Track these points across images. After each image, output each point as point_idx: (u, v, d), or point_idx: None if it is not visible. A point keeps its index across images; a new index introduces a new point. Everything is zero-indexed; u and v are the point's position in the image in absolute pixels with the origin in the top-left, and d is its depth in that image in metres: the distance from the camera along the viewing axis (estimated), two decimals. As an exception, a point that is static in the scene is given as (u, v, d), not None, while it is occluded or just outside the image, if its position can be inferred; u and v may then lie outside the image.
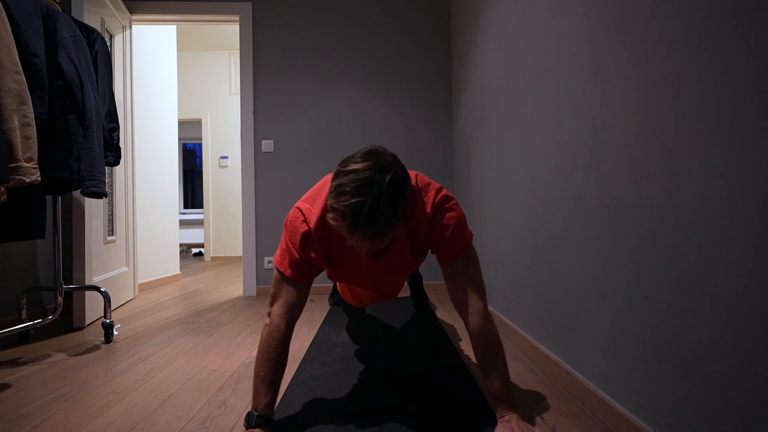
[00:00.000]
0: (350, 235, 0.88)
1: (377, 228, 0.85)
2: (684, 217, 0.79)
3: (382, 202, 0.84)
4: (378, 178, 0.84)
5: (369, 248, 0.91)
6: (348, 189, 0.84)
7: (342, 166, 0.89)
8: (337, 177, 0.88)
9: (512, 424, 0.94)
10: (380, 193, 0.84)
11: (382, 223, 0.85)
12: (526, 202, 1.60)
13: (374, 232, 0.86)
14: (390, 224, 0.87)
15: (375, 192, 0.83)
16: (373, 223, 0.84)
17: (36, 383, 1.39)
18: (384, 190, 0.84)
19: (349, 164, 0.88)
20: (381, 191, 0.84)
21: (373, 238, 0.87)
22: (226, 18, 3.01)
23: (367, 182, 0.84)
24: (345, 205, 0.84)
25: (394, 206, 0.86)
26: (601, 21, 1.07)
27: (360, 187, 0.84)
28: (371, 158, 0.87)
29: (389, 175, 0.86)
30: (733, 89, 0.68)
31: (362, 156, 0.88)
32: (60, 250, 1.86)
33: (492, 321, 1.05)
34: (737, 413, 0.68)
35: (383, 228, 0.86)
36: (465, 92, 2.58)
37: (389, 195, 0.85)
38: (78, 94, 1.71)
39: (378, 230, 0.86)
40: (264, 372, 1.00)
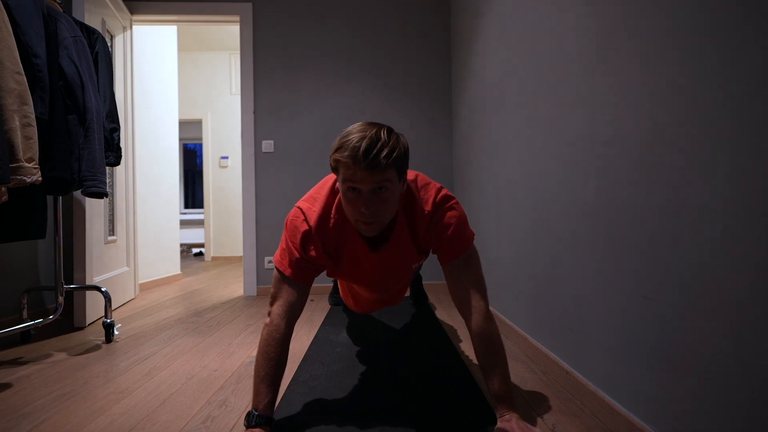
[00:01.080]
0: (354, 167, 0.90)
1: (381, 156, 0.89)
2: (684, 217, 0.79)
3: (383, 135, 0.91)
4: (377, 129, 0.93)
5: (376, 196, 0.93)
6: (350, 136, 0.92)
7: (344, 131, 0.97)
8: (340, 137, 0.95)
9: (512, 424, 0.95)
10: (379, 131, 0.92)
11: (385, 152, 0.90)
12: (526, 202, 1.60)
13: (378, 160, 0.89)
14: (392, 156, 0.91)
15: (376, 129, 0.92)
16: (378, 150, 0.89)
17: (37, 383, 1.39)
18: (384, 129, 0.93)
19: (349, 128, 0.96)
20: (381, 129, 0.93)
21: (376, 166, 0.89)
22: (226, 18, 3.01)
23: (366, 128, 0.93)
24: (348, 140, 0.91)
25: (395, 141, 0.93)
26: (601, 20, 1.07)
27: (361, 131, 0.92)
28: (369, 124, 0.96)
29: (387, 128, 0.95)
30: (734, 89, 0.68)
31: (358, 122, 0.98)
32: (61, 250, 1.86)
33: (493, 321, 1.05)
34: (737, 413, 0.68)
35: (386, 157, 0.89)
36: (465, 92, 2.59)
37: (389, 132, 0.94)
38: (79, 94, 1.71)
39: (382, 159, 0.89)
40: (264, 372, 1.00)
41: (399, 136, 0.96)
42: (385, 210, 0.96)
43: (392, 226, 1.05)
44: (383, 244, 1.07)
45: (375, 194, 0.93)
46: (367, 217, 0.95)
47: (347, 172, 0.92)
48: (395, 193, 0.96)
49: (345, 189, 0.95)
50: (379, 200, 0.93)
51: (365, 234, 1.01)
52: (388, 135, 0.93)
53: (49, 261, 2.36)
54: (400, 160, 0.94)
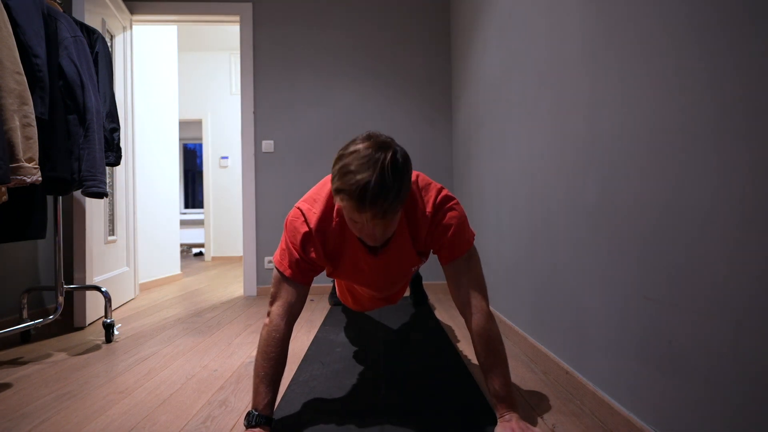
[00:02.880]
0: (360, 215, 0.88)
1: (388, 203, 0.86)
2: (684, 216, 0.79)
3: (387, 177, 0.85)
4: (380, 155, 0.86)
5: (379, 227, 0.91)
6: (353, 168, 0.85)
7: (343, 149, 0.91)
8: (340, 159, 0.89)
9: (512, 424, 0.95)
10: (385, 168, 0.85)
11: (391, 197, 0.86)
12: (525, 202, 1.60)
13: (385, 207, 0.86)
14: (398, 198, 0.88)
15: (379, 167, 0.85)
16: (383, 198, 0.85)
17: (37, 383, 1.39)
18: (387, 165, 0.86)
19: (349, 147, 0.90)
20: (385, 166, 0.85)
21: (384, 214, 0.88)
22: (226, 18, 3.01)
23: (370, 159, 0.86)
24: (351, 184, 0.85)
25: (400, 180, 0.87)
26: (600, 20, 1.07)
27: (364, 165, 0.85)
28: (370, 139, 0.90)
29: (390, 152, 0.88)
30: (733, 88, 0.68)
31: (362, 138, 0.91)
32: (61, 250, 1.86)
33: (494, 321, 1.05)
34: (737, 413, 0.68)
35: (392, 204, 0.87)
36: (465, 92, 2.59)
37: (393, 169, 0.86)
38: (79, 94, 1.71)
39: (388, 205, 0.87)
40: (264, 372, 1.00)
41: (403, 162, 0.89)
42: (391, 230, 0.97)
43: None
44: (383, 249, 1.07)
45: (379, 225, 0.92)
46: (370, 242, 0.97)
47: (352, 214, 0.90)
48: (399, 216, 0.96)
49: (349, 221, 0.95)
50: (383, 227, 0.93)
51: (368, 243, 1.01)
52: (392, 171, 0.86)
53: (49, 261, 2.36)
54: (406, 194, 0.91)
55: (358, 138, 0.92)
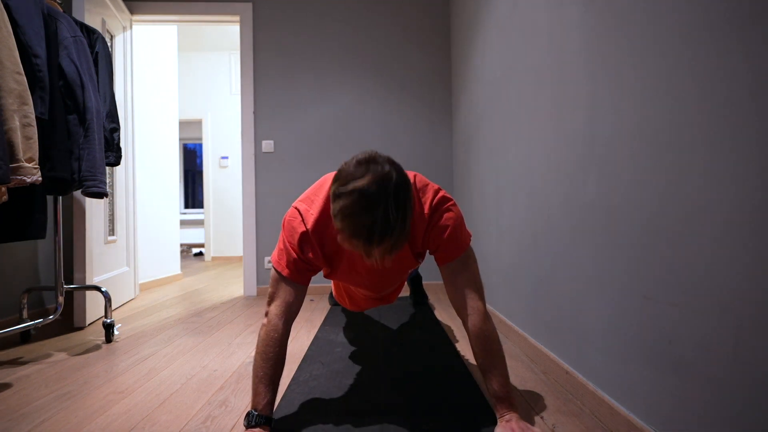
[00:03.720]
0: (367, 253, 0.88)
1: (393, 240, 0.86)
2: (684, 216, 0.79)
3: (391, 215, 0.83)
4: (381, 192, 0.83)
5: (387, 260, 0.92)
6: (355, 210, 0.83)
7: (341, 183, 0.86)
8: (340, 198, 0.85)
9: (512, 424, 0.95)
10: (388, 207, 0.83)
11: (396, 234, 0.86)
12: (525, 202, 1.60)
13: (391, 244, 0.87)
14: (404, 232, 0.88)
15: (383, 207, 0.83)
16: (389, 236, 0.85)
17: (37, 383, 1.39)
18: (391, 203, 0.84)
19: (348, 183, 0.85)
20: (388, 205, 0.83)
21: (391, 250, 0.88)
22: (226, 18, 3.01)
23: (372, 199, 0.83)
24: (356, 228, 0.84)
25: (404, 215, 0.86)
26: (600, 20, 1.07)
27: (366, 207, 0.83)
28: (368, 170, 0.85)
29: (391, 184, 0.85)
30: (733, 88, 0.68)
31: (359, 169, 0.86)
32: (61, 250, 1.86)
33: (491, 321, 1.05)
34: (736, 413, 0.68)
35: (399, 239, 0.87)
36: (465, 92, 2.59)
37: (396, 205, 0.84)
38: (79, 94, 1.71)
39: (394, 242, 0.87)
40: (263, 372, 1.00)
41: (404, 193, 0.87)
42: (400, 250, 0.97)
43: None
44: None
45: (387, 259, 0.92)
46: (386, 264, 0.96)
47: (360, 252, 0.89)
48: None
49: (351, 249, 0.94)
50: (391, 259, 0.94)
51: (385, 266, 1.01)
52: (396, 210, 0.84)
53: (49, 261, 2.36)
54: (410, 224, 0.90)
55: (354, 166, 0.87)
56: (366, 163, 0.87)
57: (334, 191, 0.87)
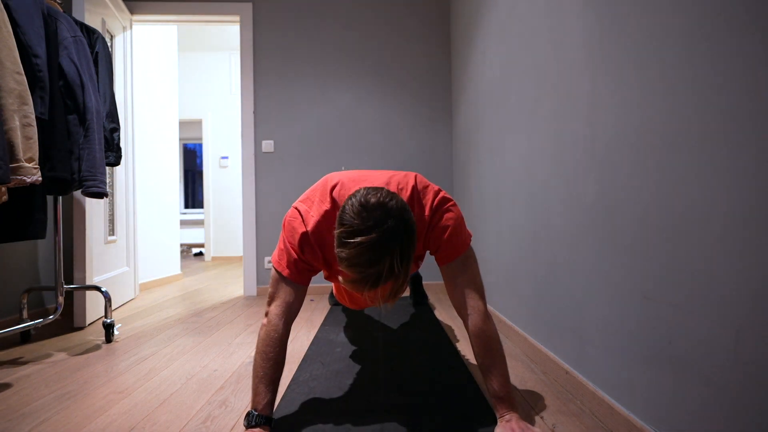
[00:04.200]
0: (371, 296, 0.91)
1: (397, 286, 0.89)
2: (684, 216, 0.79)
3: (396, 267, 0.85)
4: (387, 249, 0.84)
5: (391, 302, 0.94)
6: (361, 261, 0.84)
7: (347, 234, 0.86)
8: (345, 247, 0.85)
9: (512, 424, 0.95)
10: (393, 261, 0.85)
11: (401, 281, 0.88)
12: (525, 202, 1.60)
13: (395, 290, 0.89)
14: (408, 277, 0.90)
15: (389, 261, 0.84)
16: (393, 282, 0.87)
17: (37, 383, 1.39)
18: (396, 257, 0.85)
19: (354, 236, 0.84)
20: (393, 259, 0.85)
21: (395, 295, 0.91)
22: (226, 18, 3.01)
23: (377, 254, 0.84)
24: (362, 276, 0.86)
25: (408, 263, 0.88)
26: (600, 20, 1.07)
27: (372, 259, 0.84)
28: (375, 226, 0.84)
29: (397, 241, 0.85)
30: (733, 88, 0.68)
31: (362, 220, 0.85)
32: (61, 249, 1.86)
33: (491, 321, 1.05)
34: (736, 412, 0.68)
35: (402, 284, 0.89)
36: (465, 92, 2.59)
37: (401, 259, 0.86)
38: (79, 94, 1.71)
39: (398, 288, 0.89)
40: (263, 372, 1.00)
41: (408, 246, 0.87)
42: None
43: None
44: None
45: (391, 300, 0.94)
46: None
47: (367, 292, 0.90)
48: None
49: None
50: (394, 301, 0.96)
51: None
52: (401, 261, 0.85)
53: (49, 261, 2.37)
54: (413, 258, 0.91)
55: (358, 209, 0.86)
56: (372, 211, 0.86)
57: (338, 236, 0.87)
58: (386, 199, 0.88)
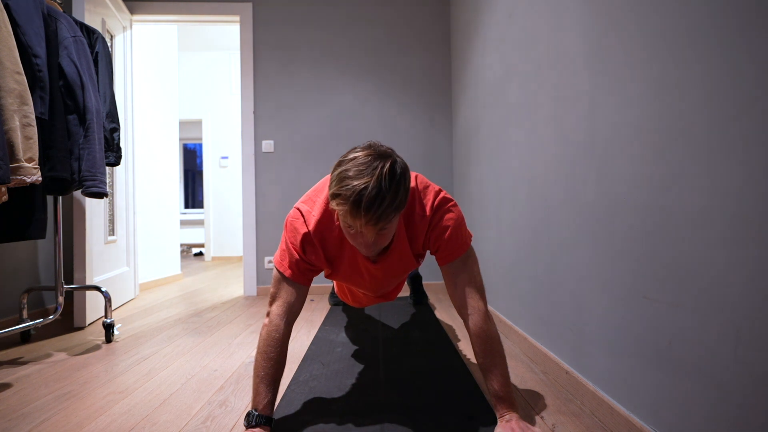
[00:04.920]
0: (355, 220, 0.88)
1: (382, 209, 0.86)
2: (684, 216, 0.79)
3: (383, 184, 0.86)
4: (379, 163, 0.88)
5: (372, 234, 0.91)
6: (351, 174, 0.87)
7: (343, 156, 0.93)
8: (339, 166, 0.91)
9: (512, 424, 0.95)
10: (382, 176, 0.86)
11: (386, 204, 0.86)
12: (525, 202, 1.60)
13: (379, 213, 0.86)
14: (393, 206, 0.88)
15: (377, 175, 0.86)
16: (378, 204, 0.85)
17: (37, 383, 1.39)
18: (385, 173, 0.87)
19: (349, 154, 0.92)
20: (382, 174, 0.86)
21: (378, 221, 0.87)
22: (226, 18, 3.01)
23: (368, 166, 0.87)
24: (348, 188, 0.86)
25: (396, 188, 0.88)
26: (600, 20, 1.07)
27: (362, 171, 0.87)
28: (371, 148, 0.92)
29: (389, 161, 0.89)
30: (733, 88, 0.68)
31: (362, 147, 0.93)
32: (61, 250, 1.86)
33: (492, 321, 1.05)
34: (736, 412, 0.68)
35: (387, 209, 0.87)
36: (465, 92, 2.59)
37: (390, 177, 0.87)
38: (79, 94, 1.71)
39: (383, 212, 0.86)
40: (264, 372, 1.00)
41: (401, 172, 0.90)
42: (385, 242, 0.98)
43: (391, 238, 1.06)
44: (381, 256, 1.08)
45: (371, 233, 0.91)
46: (364, 251, 0.99)
47: (347, 219, 0.89)
48: (395, 225, 0.97)
49: (345, 227, 0.95)
50: (379, 238, 0.94)
51: (365, 255, 1.02)
52: (389, 180, 0.86)
53: (49, 261, 2.36)
54: (402, 204, 0.91)
55: (358, 146, 0.94)
56: (369, 144, 0.93)
57: (336, 163, 0.93)
58: (381, 144, 0.95)
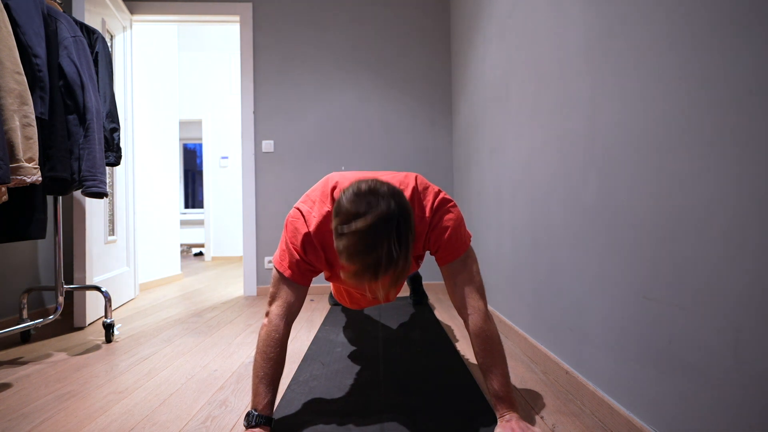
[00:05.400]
0: (373, 288, 0.90)
1: (398, 273, 0.88)
2: (684, 216, 0.79)
3: (394, 251, 0.85)
4: (383, 231, 0.84)
5: (393, 291, 0.94)
6: (359, 249, 0.84)
7: (343, 221, 0.86)
8: (342, 237, 0.86)
9: (512, 424, 0.95)
10: (390, 244, 0.84)
11: (400, 267, 0.87)
12: (526, 202, 1.60)
13: (396, 277, 0.88)
14: (407, 263, 0.89)
15: (386, 245, 0.84)
16: (393, 269, 0.86)
17: (37, 383, 1.39)
18: (393, 240, 0.85)
19: (350, 222, 0.85)
20: (390, 242, 0.84)
21: (396, 282, 0.90)
22: (226, 18, 3.01)
23: (374, 238, 0.84)
24: (361, 265, 0.85)
25: (406, 247, 0.87)
26: (601, 21, 1.07)
27: (370, 245, 0.84)
28: (369, 209, 0.85)
29: (393, 222, 0.85)
30: (733, 88, 0.68)
31: (359, 205, 0.85)
32: (61, 250, 1.86)
33: (492, 321, 1.05)
34: (736, 412, 0.68)
35: (402, 271, 0.88)
36: (465, 92, 2.59)
37: (399, 241, 0.85)
38: (79, 94, 1.71)
39: (399, 274, 0.88)
40: (263, 372, 1.00)
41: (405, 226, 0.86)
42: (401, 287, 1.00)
43: None
44: None
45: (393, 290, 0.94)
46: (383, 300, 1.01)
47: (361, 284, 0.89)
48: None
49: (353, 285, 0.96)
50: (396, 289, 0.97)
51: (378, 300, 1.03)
52: (398, 243, 0.84)
53: (49, 261, 2.36)
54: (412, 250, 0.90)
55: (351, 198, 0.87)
56: (365, 197, 0.86)
57: (336, 228, 0.88)
58: (377, 184, 0.88)
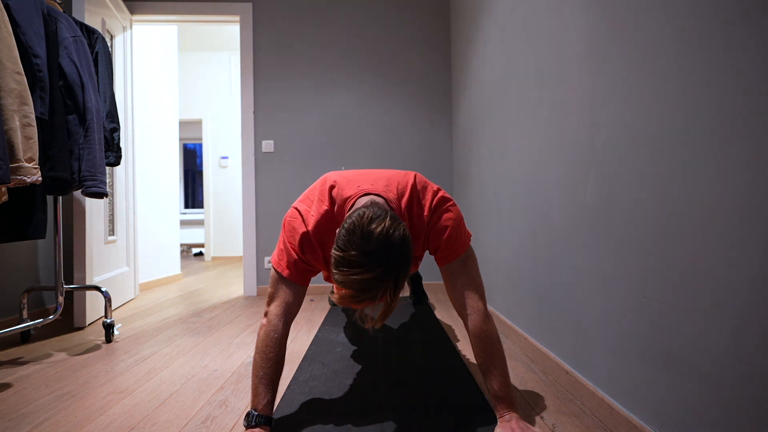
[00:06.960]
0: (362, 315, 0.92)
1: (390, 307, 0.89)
2: (684, 216, 0.79)
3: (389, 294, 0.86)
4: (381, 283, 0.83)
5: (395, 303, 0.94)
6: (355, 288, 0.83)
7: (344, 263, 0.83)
8: (340, 270, 0.84)
9: (512, 424, 0.95)
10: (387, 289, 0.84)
11: (393, 304, 0.89)
12: (525, 202, 1.60)
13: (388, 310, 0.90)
14: (398, 299, 0.90)
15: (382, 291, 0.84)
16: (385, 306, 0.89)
17: (37, 383, 1.39)
18: (390, 286, 0.85)
19: (351, 267, 0.82)
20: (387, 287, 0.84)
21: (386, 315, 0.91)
22: (226, 18, 3.01)
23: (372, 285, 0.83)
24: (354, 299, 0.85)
25: (406, 271, 0.86)
26: (601, 21, 1.07)
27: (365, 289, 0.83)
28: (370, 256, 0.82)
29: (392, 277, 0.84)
30: (733, 88, 0.68)
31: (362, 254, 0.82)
32: (61, 249, 1.86)
33: (491, 321, 1.05)
34: (735, 413, 0.68)
35: (395, 305, 0.90)
36: (465, 92, 2.59)
37: (395, 286, 0.86)
38: (79, 94, 1.71)
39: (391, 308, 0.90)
40: (263, 372, 1.00)
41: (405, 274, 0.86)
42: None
43: None
44: None
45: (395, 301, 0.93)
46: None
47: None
48: None
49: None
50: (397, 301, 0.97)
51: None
52: (395, 289, 0.85)
53: (49, 261, 2.36)
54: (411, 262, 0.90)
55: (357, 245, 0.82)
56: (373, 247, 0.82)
57: (335, 258, 0.85)
58: (389, 230, 0.83)
